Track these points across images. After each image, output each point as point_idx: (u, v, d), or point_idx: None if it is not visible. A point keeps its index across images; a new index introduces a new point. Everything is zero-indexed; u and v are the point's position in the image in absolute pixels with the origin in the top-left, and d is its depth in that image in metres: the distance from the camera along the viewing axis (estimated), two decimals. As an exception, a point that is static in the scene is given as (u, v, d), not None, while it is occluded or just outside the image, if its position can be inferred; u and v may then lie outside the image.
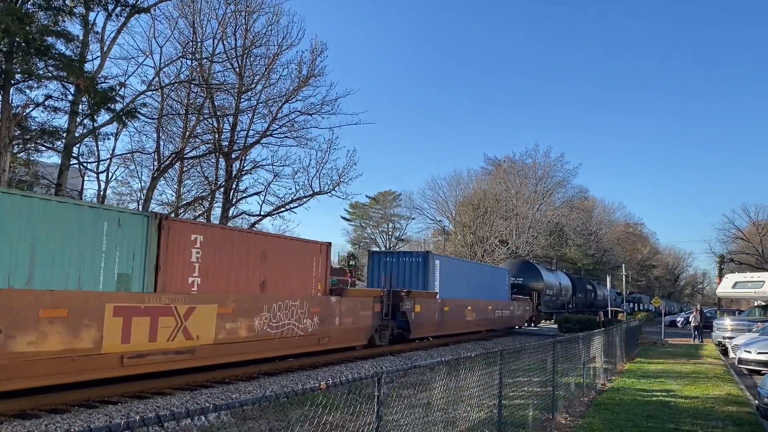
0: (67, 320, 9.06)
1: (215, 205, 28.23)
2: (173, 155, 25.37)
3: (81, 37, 19.16)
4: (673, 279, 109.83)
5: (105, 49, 20.83)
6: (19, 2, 16.50)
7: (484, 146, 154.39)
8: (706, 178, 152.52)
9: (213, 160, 28.25)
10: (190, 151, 26.82)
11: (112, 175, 28.00)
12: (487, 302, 27.27)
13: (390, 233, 76.59)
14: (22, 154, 20.62)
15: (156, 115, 25.13)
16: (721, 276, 43.66)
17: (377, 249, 68.04)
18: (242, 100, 26.87)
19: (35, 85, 18.75)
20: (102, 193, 26.66)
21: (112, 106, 19.71)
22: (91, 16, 19.85)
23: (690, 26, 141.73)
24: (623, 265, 51.84)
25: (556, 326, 36.92)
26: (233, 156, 26.95)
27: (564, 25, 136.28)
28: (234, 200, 27.83)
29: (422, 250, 40.67)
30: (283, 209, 28.44)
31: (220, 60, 25.88)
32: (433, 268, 22.36)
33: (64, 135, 19.55)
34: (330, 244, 16.51)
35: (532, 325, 36.11)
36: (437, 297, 21.96)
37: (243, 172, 28.00)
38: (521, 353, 9.24)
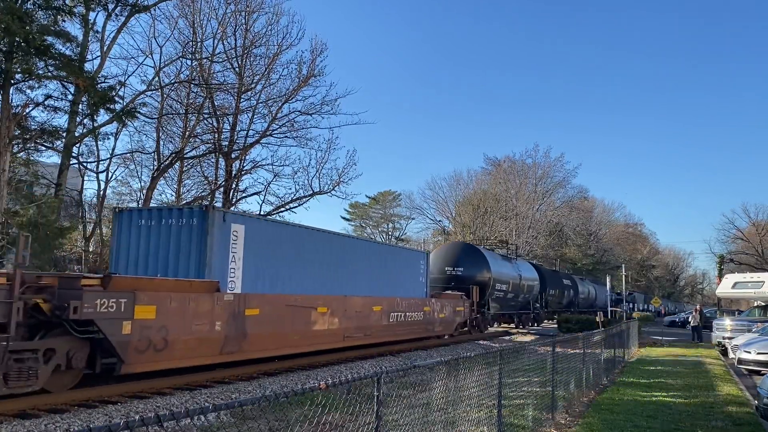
0: None
1: (215, 204, 28.22)
2: (173, 155, 25.37)
3: (81, 37, 19.18)
4: (672, 279, 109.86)
5: (105, 48, 20.85)
6: (19, 2, 16.50)
7: (484, 146, 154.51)
8: (706, 178, 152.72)
9: (213, 160, 28.29)
10: (190, 150, 26.85)
11: (112, 175, 28.05)
12: (373, 300, 17.22)
13: (390, 233, 76.63)
14: (22, 153, 20.63)
15: (156, 115, 25.15)
16: (720, 276, 43.68)
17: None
18: (242, 99, 26.90)
19: (35, 85, 18.80)
20: (102, 192, 26.66)
21: (112, 106, 19.75)
22: (91, 15, 19.90)
23: (689, 25, 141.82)
24: (623, 266, 51.74)
25: (515, 330, 31.47)
26: (233, 156, 26.96)
27: (564, 25, 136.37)
28: (234, 200, 27.83)
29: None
30: (282, 209, 28.47)
31: (220, 60, 25.93)
32: (222, 237, 13.31)
33: (64, 135, 19.57)
34: None
35: (477, 330, 26.79)
36: (227, 291, 13.01)
37: (243, 172, 28.03)
38: (521, 353, 9.25)
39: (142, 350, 10.01)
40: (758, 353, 16.84)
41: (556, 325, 39.93)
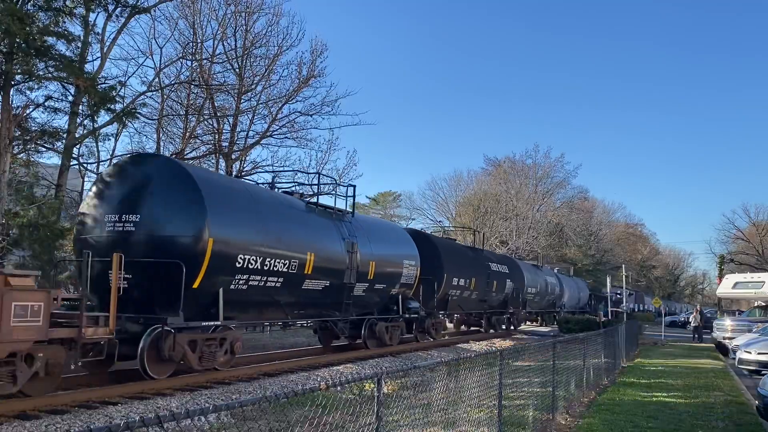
0: None
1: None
2: (173, 156, 25.39)
3: (81, 38, 19.18)
4: (673, 279, 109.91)
5: (105, 49, 20.86)
6: (20, 3, 16.52)
7: (485, 146, 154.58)
8: (706, 178, 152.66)
9: (213, 161, 28.28)
10: (191, 151, 26.85)
11: (113, 176, 28.00)
12: None
13: (390, 234, 76.47)
14: (22, 154, 20.62)
15: (156, 116, 25.17)
16: (721, 276, 43.69)
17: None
18: (242, 100, 26.91)
19: (35, 86, 18.78)
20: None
21: (112, 107, 19.74)
22: (92, 16, 19.89)
23: (690, 24, 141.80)
24: (623, 266, 51.56)
25: None
26: (233, 157, 26.97)
27: (564, 24, 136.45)
28: (234, 201, 27.84)
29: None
30: (283, 210, 28.45)
31: (221, 61, 25.95)
32: None
33: (65, 136, 19.57)
34: None
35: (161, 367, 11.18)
36: None
37: (243, 173, 28.02)
38: (521, 354, 9.26)
39: None
40: (759, 353, 16.84)
41: (455, 329, 27.98)
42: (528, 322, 37.31)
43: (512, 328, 30.10)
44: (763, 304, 29.06)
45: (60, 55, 17.45)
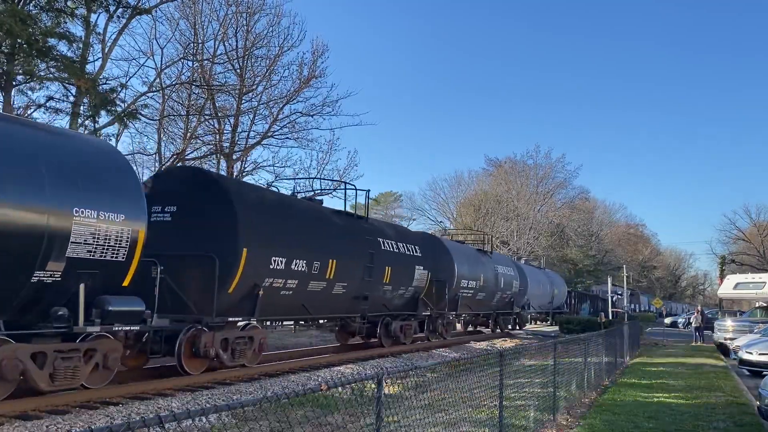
0: None
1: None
2: (174, 156, 25.40)
3: (82, 39, 19.21)
4: (674, 280, 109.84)
5: (106, 50, 20.88)
6: (21, 4, 16.55)
7: (485, 147, 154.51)
8: (707, 178, 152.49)
9: (214, 162, 28.30)
10: (192, 152, 26.86)
11: (114, 176, 28.00)
12: None
13: (391, 234, 76.36)
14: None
15: (157, 117, 25.18)
16: (722, 277, 43.64)
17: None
18: (243, 101, 26.92)
19: (37, 86, 18.83)
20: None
21: (113, 108, 19.77)
22: (93, 17, 19.91)
23: (690, 25, 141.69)
24: (624, 266, 51.40)
25: None
26: (234, 157, 26.99)
27: (565, 24, 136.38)
28: (235, 201, 27.82)
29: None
30: (284, 210, 28.41)
31: (222, 61, 25.96)
32: None
33: (66, 136, 19.55)
34: None
35: None
36: None
37: (244, 174, 28.04)
38: (522, 354, 9.26)
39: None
40: (760, 354, 16.82)
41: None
42: (480, 327, 28.71)
43: (442, 337, 21.01)
44: (765, 304, 29.00)
45: (61, 55, 17.50)
